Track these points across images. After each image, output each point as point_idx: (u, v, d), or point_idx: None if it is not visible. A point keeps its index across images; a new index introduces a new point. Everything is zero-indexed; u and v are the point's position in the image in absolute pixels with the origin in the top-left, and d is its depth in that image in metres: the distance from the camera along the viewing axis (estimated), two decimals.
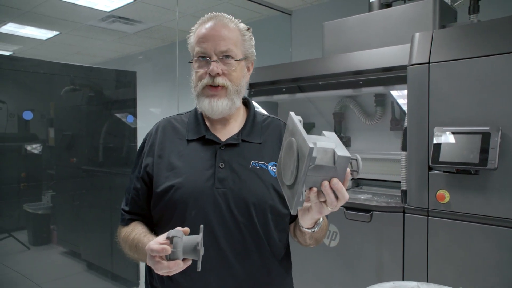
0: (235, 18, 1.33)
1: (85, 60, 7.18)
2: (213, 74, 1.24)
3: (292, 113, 1.00)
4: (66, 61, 3.69)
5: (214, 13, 1.32)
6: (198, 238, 0.99)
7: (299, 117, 0.99)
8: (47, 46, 6.14)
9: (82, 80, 3.69)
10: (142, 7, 4.61)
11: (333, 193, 0.94)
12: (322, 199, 0.96)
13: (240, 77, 1.30)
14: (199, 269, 0.98)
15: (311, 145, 0.86)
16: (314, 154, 0.86)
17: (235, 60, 1.27)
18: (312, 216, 1.05)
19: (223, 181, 1.23)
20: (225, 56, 1.25)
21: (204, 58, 1.26)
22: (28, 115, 3.25)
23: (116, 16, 4.94)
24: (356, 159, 1.03)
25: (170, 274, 1.02)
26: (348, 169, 0.96)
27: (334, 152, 0.92)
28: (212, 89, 1.25)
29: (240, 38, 1.30)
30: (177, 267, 0.99)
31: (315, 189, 0.95)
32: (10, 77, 3.20)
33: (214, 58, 1.24)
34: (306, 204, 1.03)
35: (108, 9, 4.71)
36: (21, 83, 3.30)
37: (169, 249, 0.98)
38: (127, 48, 6.57)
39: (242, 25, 1.33)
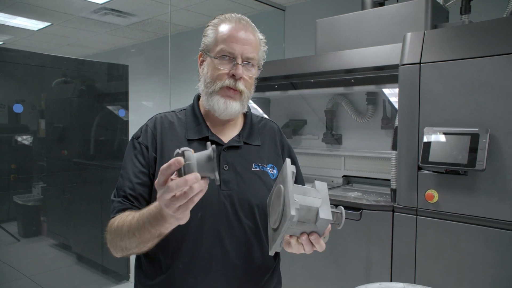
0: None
1: (76, 52, 7.12)
2: (238, 77, 1.22)
3: (288, 161, 1.02)
4: (57, 53, 3.67)
5: (241, 15, 1.29)
6: (209, 150, 0.91)
7: (293, 168, 1.01)
8: (39, 36, 6.08)
9: (74, 73, 3.67)
10: (135, 0, 4.58)
11: (311, 244, 1.01)
12: (301, 242, 1.02)
13: (253, 85, 1.31)
14: (218, 182, 0.90)
15: (292, 213, 0.90)
16: (295, 220, 0.92)
17: (255, 69, 1.27)
18: (292, 251, 1.10)
19: (228, 183, 1.23)
20: (248, 62, 1.24)
21: (227, 58, 1.23)
22: (18, 108, 3.23)
23: (109, 8, 4.91)
24: (341, 213, 1.04)
25: (186, 202, 0.88)
26: (329, 224, 1.01)
27: (317, 212, 0.96)
28: (231, 91, 1.24)
29: (259, 48, 1.29)
30: (196, 180, 0.86)
31: (295, 236, 1.03)
32: (0, 68, 3.18)
33: (240, 61, 1.22)
34: (287, 238, 1.08)
35: (100, 1, 4.68)
36: (11, 74, 3.27)
37: (182, 160, 0.86)
38: (119, 40, 6.52)
39: (261, 36, 1.32)
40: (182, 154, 0.88)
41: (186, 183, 0.85)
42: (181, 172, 0.87)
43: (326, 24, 2.84)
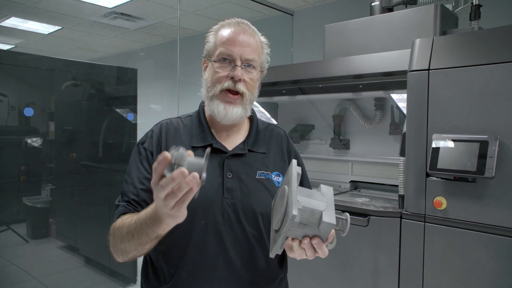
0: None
1: (86, 55, 7.18)
2: (237, 79, 1.22)
3: (294, 162, 1.02)
4: (67, 56, 3.70)
5: (241, 19, 1.30)
6: (203, 161, 0.90)
7: (299, 170, 1.00)
8: (49, 40, 6.14)
9: (83, 76, 3.70)
10: (144, 4, 4.61)
11: (313, 249, 0.98)
12: (303, 247, 1.00)
13: (256, 87, 1.30)
14: (203, 182, 0.89)
15: (294, 213, 0.89)
16: (296, 220, 0.90)
17: (256, 71, 1.27)
18: (294, 256, 1.08)
19: (231, 191, 1.23)
20: (248, 65, 1.24)
21: (227, 61, 1.23)
22: (29, 112, 3.26)
23: (118, 12, 4.95)
24: (346, 219, 1.02)
25: (179, 200, 0.88)
26: (333, 230, 0.99)
27: (321, 215, 0.94)
28: (231, 95, 1.24)
29: (260, 50, 1.29)
30: (183, 177, 0.84)
31: (297, 240, 1.00)
32: (11, 72, 3.21)
33: (239, 63, 1.22)
34: (289, 242, 1.05)
35: (110, 6, 4.71)
36: (22, 77, 3.31)
37: (168, 155, 0.86)
38: (128, 44, 6.57)
39: (263, 38, 1.32)
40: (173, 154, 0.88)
41: (173, 181, 0.85)
42: (173, 168, 0.86)
43: (334, 29, 2.84)
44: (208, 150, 0.93)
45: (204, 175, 0.89)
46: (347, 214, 1.03)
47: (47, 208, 3.60)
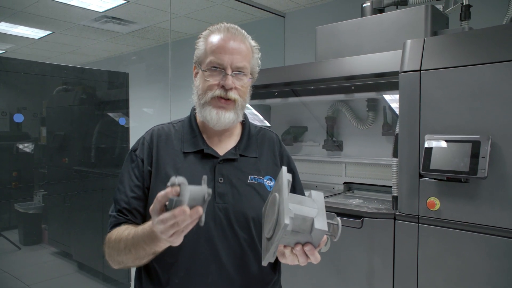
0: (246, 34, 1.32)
1: (77, 60, 7.14)
2: (228, 88, 1.22)
3: (284, 169, 1.02)
4: (58, 60, 3.67)
5: (230, 24, 1.29)
6: (205, 188, 0.91)
7: (289, 176, 1.00)
8: (40, 45, 6.10)
9: (74, 81, 3.68)
10: (135, 8, 4.60)
11: (305, 255, 0.99)
12: (295, 253, 1.01)
13: (247, 93, 1.30)
14: (202, 223, 0.91)
15: (286, 221, 0.89)
16: (288, 228, 0.90)
17: (247, 78, 1.27)
18: (286, 261, 1.08)
19: (223, 196, 1.23)
20: (238, 72, 1.24)
21: (217, 69, 1.23)
22: (19, 118, 3.23)
23: (109, 16, 4.92)
24: (337, 224, 1.02)
25: (177, 231, 0.90)
26: (325, 236, 1.00)
27: (312, 222, 0.94)
28: (223, 101, 1.23)
29: (251, 56, 1.29)
30: (183, 214, 0.87)
31: (289, 247, 1.01)
32: (1, 77, 3.19)
33: (230, 71, 1.22)
34: (281, 248, 1.06)
35: (101, 10, 4.69)
36: (13, 83, 3.28)
37: (178, 190, 0.88)
38: (120, 48, 6.54)
39: (253, 42, 1.32)
40: (179, 185, 0.89)
41: (174, 217, 0.87)
42: (172, 203, 0.89)
43: (326, 31, 2.84)
44: (205, 177, 0.94)
45: (203, 218, 0.90)
46: (338, 219, 1.03)
47: (39, 214, 3.56)
